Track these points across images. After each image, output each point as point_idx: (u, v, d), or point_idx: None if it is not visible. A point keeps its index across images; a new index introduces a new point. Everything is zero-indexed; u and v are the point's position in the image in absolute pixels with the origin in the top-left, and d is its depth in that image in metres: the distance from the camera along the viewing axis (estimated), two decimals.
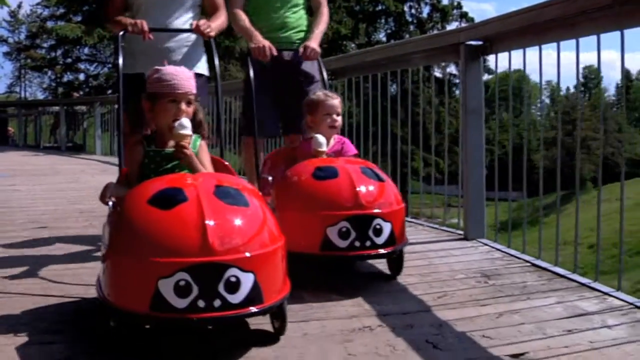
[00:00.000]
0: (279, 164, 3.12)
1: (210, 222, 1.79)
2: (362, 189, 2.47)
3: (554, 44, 2.94)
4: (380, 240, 2.44)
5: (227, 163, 2.49)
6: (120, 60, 2.71)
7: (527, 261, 2.94)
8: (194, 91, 2.24)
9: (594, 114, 33.04)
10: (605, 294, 2.41)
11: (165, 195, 1.90)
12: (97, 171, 8.21)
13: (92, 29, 18.03)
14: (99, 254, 3.09)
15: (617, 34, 2.54)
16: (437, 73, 18.40)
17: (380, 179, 2.60)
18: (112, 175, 7.22)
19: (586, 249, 14.16)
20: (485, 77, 6.33)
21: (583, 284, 2.55)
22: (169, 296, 1.71)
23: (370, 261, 2.84)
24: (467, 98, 3.48)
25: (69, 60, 21.31)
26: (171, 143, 2.20)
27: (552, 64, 3.05)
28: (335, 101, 2.92)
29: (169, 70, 2.21)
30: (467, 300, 2.38)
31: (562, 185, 3.08)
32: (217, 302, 1.73)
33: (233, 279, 1.74)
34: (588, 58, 3.10)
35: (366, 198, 2.45)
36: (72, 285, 2.59)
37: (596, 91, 43.53)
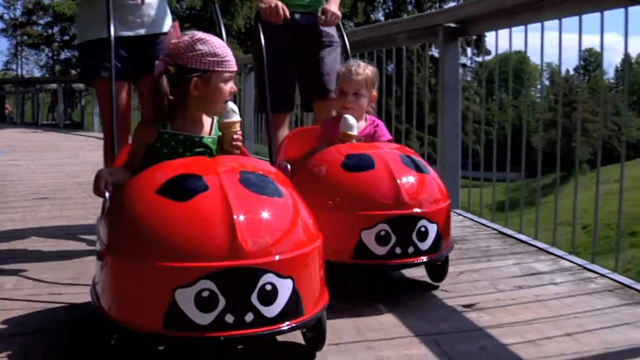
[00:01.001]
0: (300, 148, 2.64)
1: (239, 217, 1.45)
2: (404, 183, 2.06)
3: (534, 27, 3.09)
4: (424, 245, 2.04)
5: (241, 145, 2.09)
6: (112, 30, 2.33)
7: (495, 229, 3.11)
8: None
9: (592, 97, 33.25)
10: (560, 257, 2.61)
11: (180, 183, 1.54)
12: (95, 147, 8.36)
13: None
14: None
15: (619, 15, 2.57)
16: (435, 53, 18.52)
17: (423, 170, 2.17)
18: None
19: (580, 229, 14.46)
20: (483, 57, 6.43)
21: (541, 249, 2.73)
22: (189, 310, 1.38)
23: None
24: (444, 77, 3.68)
25: (66, 37, 21.42)
26: (206, 129, 1.85)
27: (553, 45, 3.19)
28: (358, 77, 2.44)
29: (216, 40, 1.82)
30: None
31: (553, 167, 3.11)
32: (249, 317, 1.41)
33: (268, 287, 1.43)
34: (589, 40, 3.14)
35: (409, 194, 2.04)
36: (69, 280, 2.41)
37: (596, 74, 43.67)
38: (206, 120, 1.86)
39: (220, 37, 2.26)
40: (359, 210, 2.04)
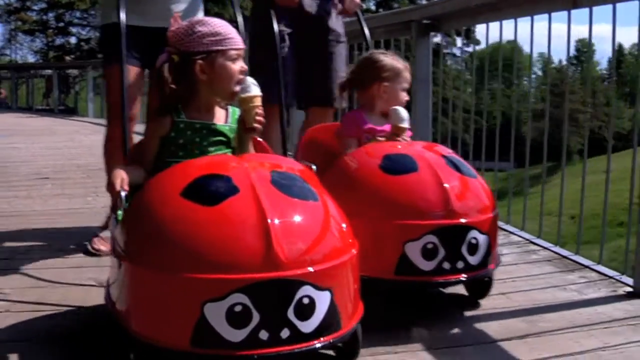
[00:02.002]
0: (320, 147, 2.40)
1: (274, 224, 1.32)
2: (452, 188, 1.82)
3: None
4: (474, 259, 1.80)
5: (260, 139, 1.92)
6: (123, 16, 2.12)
7: None
8: None
9: (583, 88, 33.56)
10: (511, 232, 2.88)
11: (207, 185, 1.41)
12: (90, 132, 8.61)
13: None
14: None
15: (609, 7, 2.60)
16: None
17: (468, 173, 1.94)
18: (103, 135, 7.72)
19: (568, 219, 14.75)
20: (472, 47, 6.66)
21: (501, 228, 2.87)
22: (220, 326, 1.27)
23: None
24: (417, 69, 3.99)
25: (61, 24, 21.62)
26: (221, 118, 1.75)
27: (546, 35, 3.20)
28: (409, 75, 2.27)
29: (215, 20, 1.74)
30: None
31: (549, 156, 3.10)
32: (285, 333, 1.30)
33: (306, 301, 1.31)
34: (581, 31, 3.05)
35: (459, 202, 1.81)
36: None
37: (587, 65, 43.88)
38: (220, 110, 1.77)
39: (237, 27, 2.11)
40: (403, 220, 1.78)
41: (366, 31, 2.70)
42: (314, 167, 2.00)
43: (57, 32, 22.13)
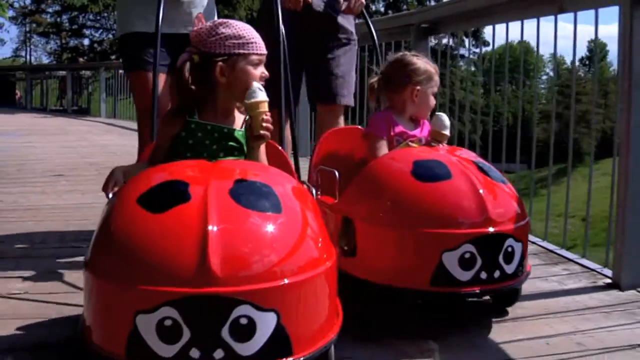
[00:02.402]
0: (339, 151, 2.34)
1: (214, 236, 1.24)
2: (488, 194, 1.77)
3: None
4: (510, 268, 1.76)
5: (280, 147, 1.92)
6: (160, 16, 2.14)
7: None
8: None
9: (592, 89, 33.29)
10: None
11: (161, 192, 1.37)
12: (102, 132, 8.83)
13: None
14: None
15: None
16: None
17: (500, 179, 1.89)
18: (116, 135, 8.01)
19: (580, 221, 14.62)
20: (480, 49, 6.69)
21: None
22: (152, 340, 1.22)
23: None
24: None
25: (75, 26, 21.92)
26: (238, 123, 1.71)
27: (563, 37, 3.27)
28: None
29: (239, 23, 1.71)
30: None
31: (560, 157, 3.18)
32: (218, 353, 1.21)
33: (244, 321, 1.22)
34: (593, 31, 2.98)
35: (495, 209, 1.76)
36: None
37: (600, 65, 43.60)
38: (240, 116, 1.73)
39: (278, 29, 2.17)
40: (440, 229, 1.72)
41: (373, 30, 2.65)
42: (336, 173, 1.97)
43: (71, 34, 22.42)
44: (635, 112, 2.18)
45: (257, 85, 1.65)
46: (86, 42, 22.61)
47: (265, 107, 1.64)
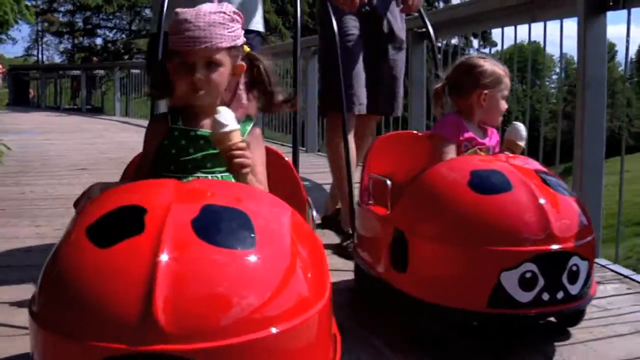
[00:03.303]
0: (393, 158, 2.20)
1: (164, 279, 0.99)
2: (551, 209, 1.62)
3: None
4: (575, 288, 1.61)
5: (287, 158, 1.75)
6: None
7: None
8: (222, 43, 1.41)
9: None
10: None
11: (112, 220, 1.14)
12: (118, 129, 9.15)
13: None
14: None
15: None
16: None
17: (565, 191, 1.73)
18: (132, 132, 8.34)
19: None
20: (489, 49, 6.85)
21: None
22: None
23: None
24: (412, 73, 4.46)
25: (89, 26, 22.39)
26: (206, 122, 1.45)
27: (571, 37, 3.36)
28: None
29: (186, 13, 1.42)
30: None
31: (568, 157, 3.09)
32: None
33: None
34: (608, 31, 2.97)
35: (558, 224, 1.61)
36: None
37: (610, 65, 43.60)
38: None
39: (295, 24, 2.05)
40: (499, 246, 1.58)
41: (430, 29, 2.57)
42: (388, 182, 1.88)
43: (84, 34, 22.88)
44: (588, 109, 2.52)
45: (225, 111, 1.36)
46: (99, 41, 23.07)
47: (231, 139, 1.35)
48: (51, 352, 1.05)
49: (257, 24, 2.37)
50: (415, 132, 2.42)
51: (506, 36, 4.30)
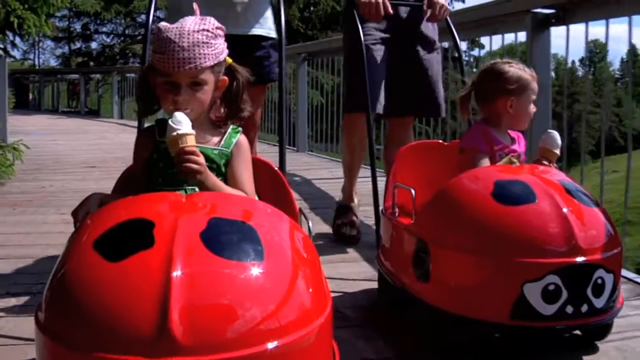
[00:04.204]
0: (420, 167, 2.20)
1: (178, 291, 1.02)
2: (576, 220, 1.61)
3: None
4: (600, 302, 1.59)
5: (276, 168, 1.76)
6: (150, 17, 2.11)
7: None
8: (205, 62, 1.43)
9: (594, 89, 33.83)
10: None
11: (120, 234, 1.15)
12: (118, 131, 9.46)
13: (110, 4, 19.48)
14: None
15: None
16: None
17: (590, 203, 1.71)
18: (131, 134, 8.64)
19: None
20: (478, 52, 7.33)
21: None
22: None
23: None
24: None
25: (87, 32, 22.67)
26: (213, 139, 1.53)
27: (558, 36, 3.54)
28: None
29: (170, 31, 1.42)
30: None
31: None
32: None
33: None
34: (593, 31, 3.23)
35: (583, 236, 1.59)
36: None
37: (601, 65, 43.92)
38: (217, 131, 1.54)
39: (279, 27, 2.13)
40: (522, 257, 1.57)
41: (457, 38, 2.62)
42: (412, 191, 1.87)
43: (83, 39, 23.15)
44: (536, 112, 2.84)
45: (179, 115, 1.38)
46: (94, 45, 23.34)
47: (182, 143, 1.37)
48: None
49: (270, 31, 2.44)
50: (441, 141, 2.43)
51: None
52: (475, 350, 1.64)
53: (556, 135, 1.98)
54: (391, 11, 2.51)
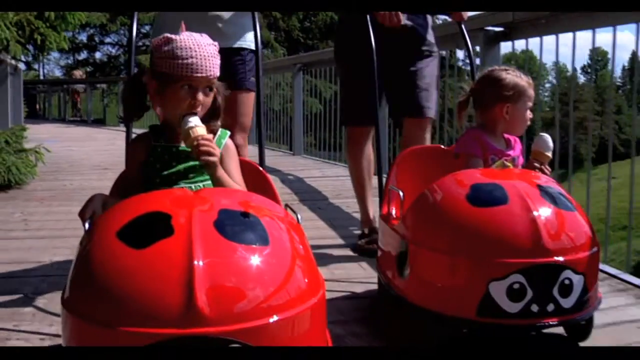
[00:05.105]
0: (415, 170, 2.29)
1: (200, 271, 1.17)
2: (544, 222, 1.66)
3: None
4: (567, 302, 1.65)
5: (261, 168, 1.93)
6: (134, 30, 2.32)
7: None
8: (217, 73, 1.61)
9: (592, 96, 33.95)
10: None
11: (143, 224, 1.29)
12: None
13: (116, 16, 19.99)
14: None
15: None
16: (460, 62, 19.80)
17: (565, 206, 1.76)
18: None
19: None
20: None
21: None
22: None
23: None
24: None
25: (93, 43, 23.14)
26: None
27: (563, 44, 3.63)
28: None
29: (187, 41, 1.57)
30: None
31: (560, 164, 3.27)
32: None
33: None
34: (597, 38, 3.29)
35: (551, 238, 1.65)
36: None
37: (602, 73, 44.03)
38: (208, 131, 1.61)
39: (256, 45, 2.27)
40: (488, 257, 1.64)
41: (468, 41, 2.67)
42: (401, 193, 1.99)
43: (89, 50, 23.63)
44: None
45: (188, 115, 1.57)
46: (98, 55, 23.80)
47: (198, 132, 1.53)
48: (99, 343, 1.18)
49: (251, 43, 2.57)
50: (440, 145, 2.51)
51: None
52: (450, 347, 1.72)
53: (548, 138, 2.04)
54: (403, 21, 2.62)
